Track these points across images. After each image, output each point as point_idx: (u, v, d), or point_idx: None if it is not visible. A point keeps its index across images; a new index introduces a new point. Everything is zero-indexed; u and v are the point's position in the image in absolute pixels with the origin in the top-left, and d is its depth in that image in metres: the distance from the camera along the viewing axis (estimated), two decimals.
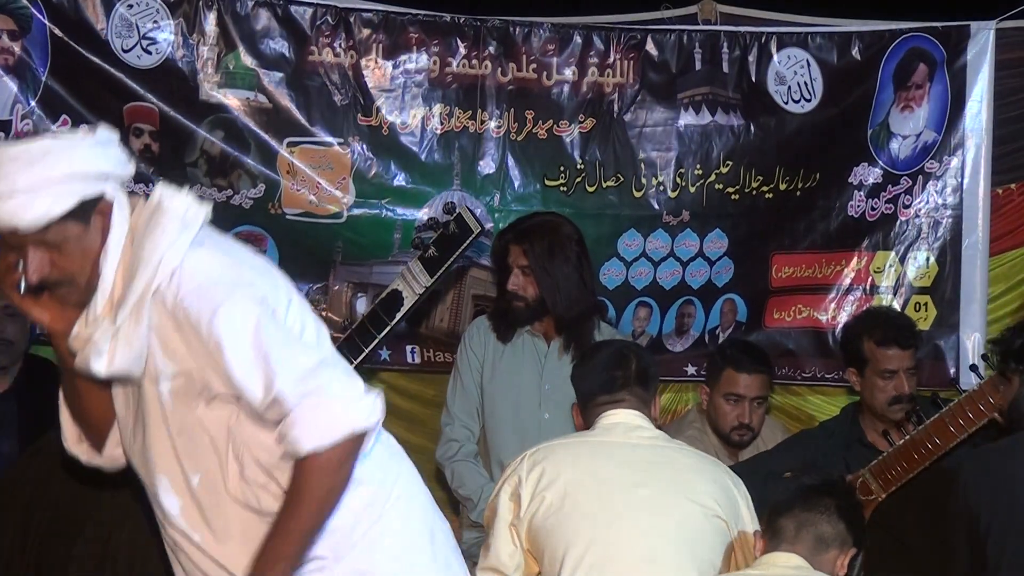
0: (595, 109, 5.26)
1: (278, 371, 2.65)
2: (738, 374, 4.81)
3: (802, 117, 5.39)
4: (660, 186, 5.34)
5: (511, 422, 4.73)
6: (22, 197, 2.60)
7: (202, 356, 2.68)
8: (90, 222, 2.69)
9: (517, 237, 4.68)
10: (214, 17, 4.91)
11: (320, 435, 2.66)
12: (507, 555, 3.53)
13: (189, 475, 2.76)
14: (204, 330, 2.66)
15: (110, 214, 2.70)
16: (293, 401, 2.65)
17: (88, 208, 2.67)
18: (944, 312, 5.50)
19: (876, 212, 5.49)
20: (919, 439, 4.20)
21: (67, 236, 2.66)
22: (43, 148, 2.64)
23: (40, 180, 2.61)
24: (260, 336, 2.67)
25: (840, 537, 3.40)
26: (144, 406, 2.76)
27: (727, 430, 4.83)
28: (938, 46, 5.41)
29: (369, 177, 5.10)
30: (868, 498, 4.22)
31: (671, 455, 3.58)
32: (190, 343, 2.68)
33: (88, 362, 2.70)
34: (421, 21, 5.13)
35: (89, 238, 2.69)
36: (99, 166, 2.68)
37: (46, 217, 2.62)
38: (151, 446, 2.77)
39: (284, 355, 2.68)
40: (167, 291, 2.68)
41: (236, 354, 2.66)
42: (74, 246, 2.68)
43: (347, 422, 2.68)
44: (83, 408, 2.91)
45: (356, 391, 2.72)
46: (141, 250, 2.69)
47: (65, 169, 2.63)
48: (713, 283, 5.43)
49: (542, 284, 4.66)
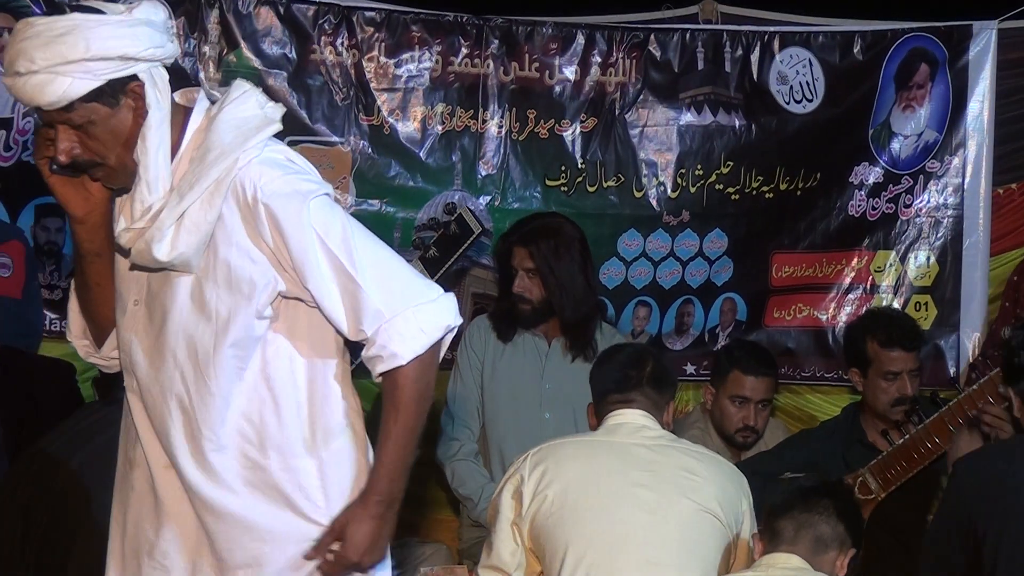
0: (597, 108, 5.27)
1: (368, 278, 2.64)
2: (745, 376, 4.79)
3: (803, 117, 5.39)
4: (661, 186, 5.34)
5: (511, 421, 4.72)
6: (42, 76, 2.56)
7: (272, 254, 2.64)
8: (120, 103, 2.62)
9: (522, 240, 4.67)
10: (216, 16, 4.91)
11: (417, 343, 2.64)
12: (509, 554, 3.53)
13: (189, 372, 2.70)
14: (288, 228, 2.62)
15: (143, 96, 2.63)
16: (387, 312, 2.63)
17: (116, 89, 2.61)
18: (944, 312, 5.51)
19: (877, 212, 5.49)
20: (919, 439, 4.21)
21: (93, 118, 2.60)
22: (66, 26, 2.57)
23: (58, 60, 2.55)
24: (348, 241, 2.65)
25: (839, 538, 3.40)
26: (168, 297, 2.69)
27: (731, 431, 4.82)
28: (940, 46, 5.41)
29: (370, 176, 5.10)
30: (867, 497, 4.23)
31: (675, 455, 3.57)
32: (262, 238, 2.64)
33: (149, 247, 2.62)
34: (423, 20, 5.13)
35: (118, 120, 2.62)
36: (123, 48, 2.59)
37: (66, 97, 2.57)
38: (168, 334, 2.70)
39: (371, 261, 2.66)
40: (246, 182, 2.63)
41: (321, 257, 2.63)
42: (101, 128, 2.62)
43: (439, 323, 2.67)
44: (92, 300, 2.83)
45: (437, 291, 2.71)
46: (219, 137, 2.64)
47: (83, 52, 2.55)
48: (712, 282, 5.43)
49: (549, 286, 4.66)
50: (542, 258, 4.64)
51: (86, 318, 2.88)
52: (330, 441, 2.74)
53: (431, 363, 2.70)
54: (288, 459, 2.71)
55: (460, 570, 4.16)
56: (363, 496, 2.71)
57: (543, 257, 4.64)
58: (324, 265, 2.65)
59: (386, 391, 2.70)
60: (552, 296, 4.66)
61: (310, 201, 2.65)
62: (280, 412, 2.71)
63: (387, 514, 2.71)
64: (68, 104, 2.58)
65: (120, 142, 2.64)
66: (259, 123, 2.68)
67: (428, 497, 5.14)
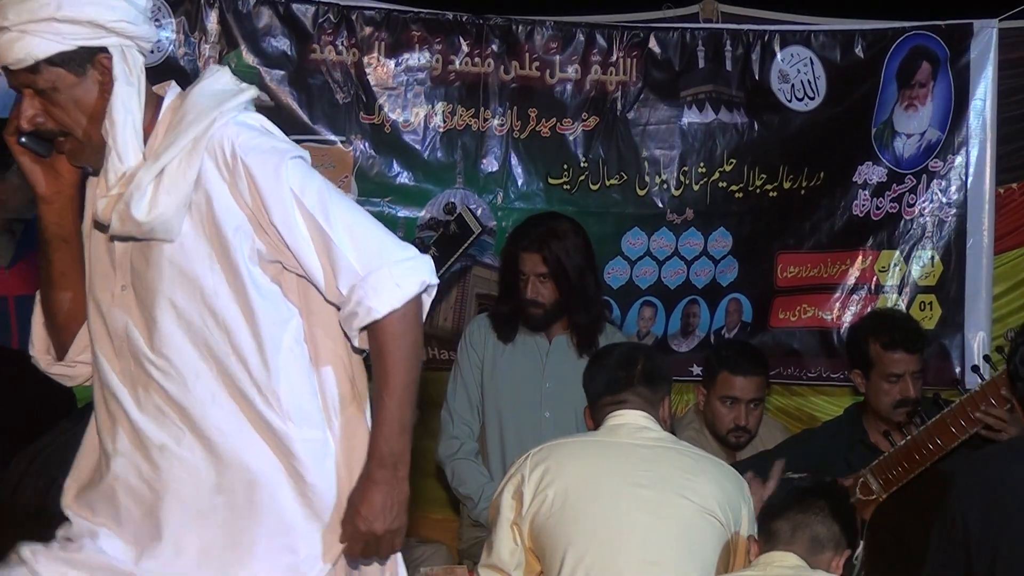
0: (598, 107, 5.25)
1: (343, 237, 2.67)
2: (733, 376, 4.80)
3: (806, 115, 5.38)
4: (664, 184, 5.33)
5: (511, 420, 4.73)
6: (12, 34, 2.60)
7: (252, 212, 2.66)
8: (86, 73, 2.66)
9: (532, 245, 4.67)
10: (216, 15, 4.91)
11: (393, 297, 2.67)
12: (508, 553, 3.54)
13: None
14: (266, 184, 2.65)
15: (111, 70, 2.66)
16: (361, 270, 2.66)
17: (84, 58, 2.64)
18: (949, 311, 5.49)
19: (881, 211, 5.47)
20: (920, 440, 4.21)
21: (58, 84, 2.64)
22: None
23: (28, 18, 2.59)
24: (325, 201, 2.67)
25: (835, 539, 3.40)
26: (155, 272, 2.69)
27: (724, 432, 4.83)
28: (941, 44, 5.39)
29: (371, 175, 5.09)
30: (869, 498, 4.23)
31: (675, 456, 3.58)
32: (241, 195, 2.66)
33: (128, 207, 2.62)
34: (424, 19, 5.12)
35: (83, 90, 2.66)
36: (94, 14, 2.63)
37: (31, 56, 2.60)
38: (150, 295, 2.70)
39: (346, 221, 2.69)
40: (224, 140, 2.65)
41: (298, 215, 2.65)
42: (65, 96, 2.65)
43: (415, 279, 2.70)
44: (55, 298, 2.84)
45: (413, 251, 2.74)
46: (195, 102, 2.67)
47: (53, 10, 2.60)
48: (718, 282, 5.42)
49: (562, 289, 4.67)
50: (555, 262, 4.65)
51: (49, 324, 2.88)
52: (344, 410, 2.77)
53: (414, 320, 2.71)
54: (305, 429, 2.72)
55: (460, 570, 4.16)
56: (366, 464, 2.71)
57: (556, 261, 4.65)
58: (301, 224, 2.67)
59: (373, 353, 2.71)
60: (565, 298, 4.67)
61: (287, 159, 2.68)
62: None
63: (393, 478, 2.71)
64: (34, 64, 2.61)
65: (85, 113, 2.67)
66: (235, 91, 2.72)
67: (428, 497, 5.14)
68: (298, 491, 2.72)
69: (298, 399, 2.71)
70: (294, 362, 2.72)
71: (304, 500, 2.72)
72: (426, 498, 5.20)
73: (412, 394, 2.72)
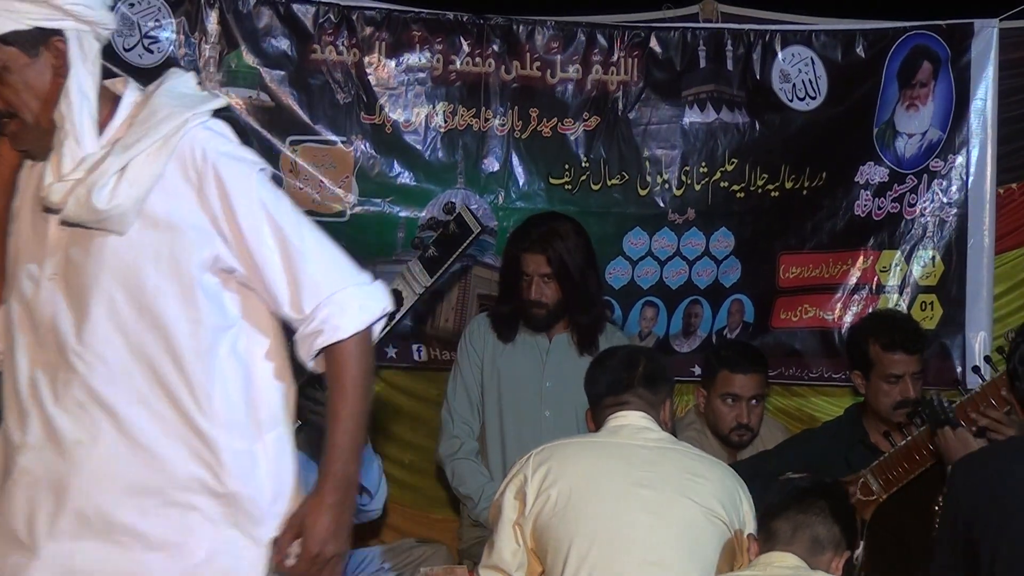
0: (599, 107, 5.25)
1: (311, 254, 2.66)
2: (733, 375, 4.81)
3: (807, 115, 5.37)
4: (665, 184, 5.33)
5: (512, 420, 4.73)
6: None
7: (214, 218, 2.64)
8: (39, 55, 2.63)
9: (536, 246, 4.67)
10: (216, 16, 4.91)
11: (358, 319, 2.66)
12: (510, 553, 3.53)
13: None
14: (235, 192, 2.63)
15: (65, 55, 2.64)
16: (326, 289, 2.65)
17: (38, 39, 2.62)
18: (950, 311, 5.48)
19: (883, 211, 5.47)
20: (921, 440, 4.20)
21: (9, 64, 2.61)
22: None
23: None
24: (292, 216, 2.67)
25: (835, 539, 3.40)
26: (94, 263, 2.64)
27: (726, 431, 4.83)
28: (942, 44, 5.39)
29: (372, 176, 5.09)
30: (869, 498, 4.22)
31: (676, 457, 3.58)
32: (207, 200, 2.63)
33: (89, 193, 2.58)
34: (424, 19, 5.12)
35: (35, 72, 2.63)
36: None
37: None
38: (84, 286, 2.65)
39: (313, 238, 2.69)
40: (194, 144, 2.63)
41: (266, 227, 2.64)
42: (16, 76, 2.62)
43: (378, 304, 2.70)
44: None
45: (369, 277, 2.74)
46: (166, 101, 2.65)
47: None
48: (720, 283, 5.42)
49: (566, 289, 4.67)
50: (558, 262, 4.65)
51: None
52: (275, 428, 2.73)
53: (369, 346, 2.70)
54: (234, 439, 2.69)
55: (460, 570, 4.16)
56: (317, 485, 2.67)
57: (559, 261, 4.65)
58: (269, 235, 2.65)
59: (330, 374, 2.69)
60: (569, 298, 4.67)
61: (257, 171, 2.67)
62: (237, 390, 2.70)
63: (344, 500, 2.68)
64: None
65: (36, 96, 2.64)
66: (204, 97, 2.71)
67: (428, 497, 5.15)
68: (219, 500, 2.66)
69: (231, 408, 2.67)
70: (231, 371, 2.68)
71: (226, 511, 2.67)
72: (426, 498, 5.21)
73: (366, 418, 2.70)
